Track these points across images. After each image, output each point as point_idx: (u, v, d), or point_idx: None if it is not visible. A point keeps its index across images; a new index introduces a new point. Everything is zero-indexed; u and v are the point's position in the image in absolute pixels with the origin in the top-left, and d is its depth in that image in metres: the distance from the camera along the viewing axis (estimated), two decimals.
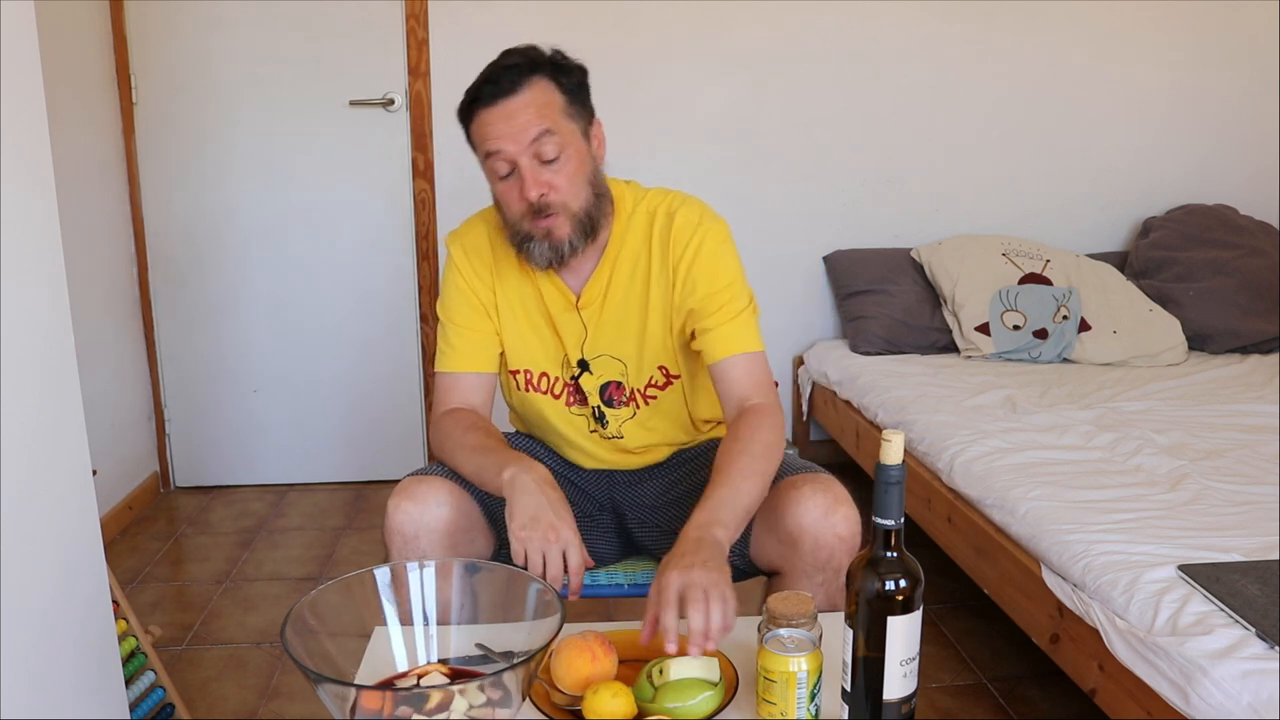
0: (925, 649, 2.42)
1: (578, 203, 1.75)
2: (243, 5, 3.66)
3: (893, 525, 1.24)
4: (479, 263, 1.92)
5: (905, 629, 1.24)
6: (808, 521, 1.69)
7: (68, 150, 3.27)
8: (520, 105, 1.71)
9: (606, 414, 1.95)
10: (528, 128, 1.70)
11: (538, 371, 1.94)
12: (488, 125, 1.73)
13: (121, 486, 3.66)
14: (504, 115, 1.71)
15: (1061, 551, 2.12)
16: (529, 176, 1.71)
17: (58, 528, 1.69)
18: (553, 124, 1.71)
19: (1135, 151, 4.11)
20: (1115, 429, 2.79)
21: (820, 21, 3.85)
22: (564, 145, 1.72)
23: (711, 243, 1.84)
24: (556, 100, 1.74)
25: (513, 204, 1.76)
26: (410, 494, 1.77)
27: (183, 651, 2.80)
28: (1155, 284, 3.80)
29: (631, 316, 1.88)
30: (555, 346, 1.92)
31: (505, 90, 1.72)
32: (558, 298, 1.88)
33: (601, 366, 1.92)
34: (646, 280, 1.86)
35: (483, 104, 1.73)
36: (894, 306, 3.76)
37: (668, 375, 1.93)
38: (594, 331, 1.89)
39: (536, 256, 1.77)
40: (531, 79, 1.73)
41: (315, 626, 1.30)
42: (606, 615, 2.87)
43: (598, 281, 1.87)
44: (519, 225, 1.77)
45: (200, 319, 3.88)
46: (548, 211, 1.73)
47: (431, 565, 1.43)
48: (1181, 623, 1.78)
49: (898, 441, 1.22)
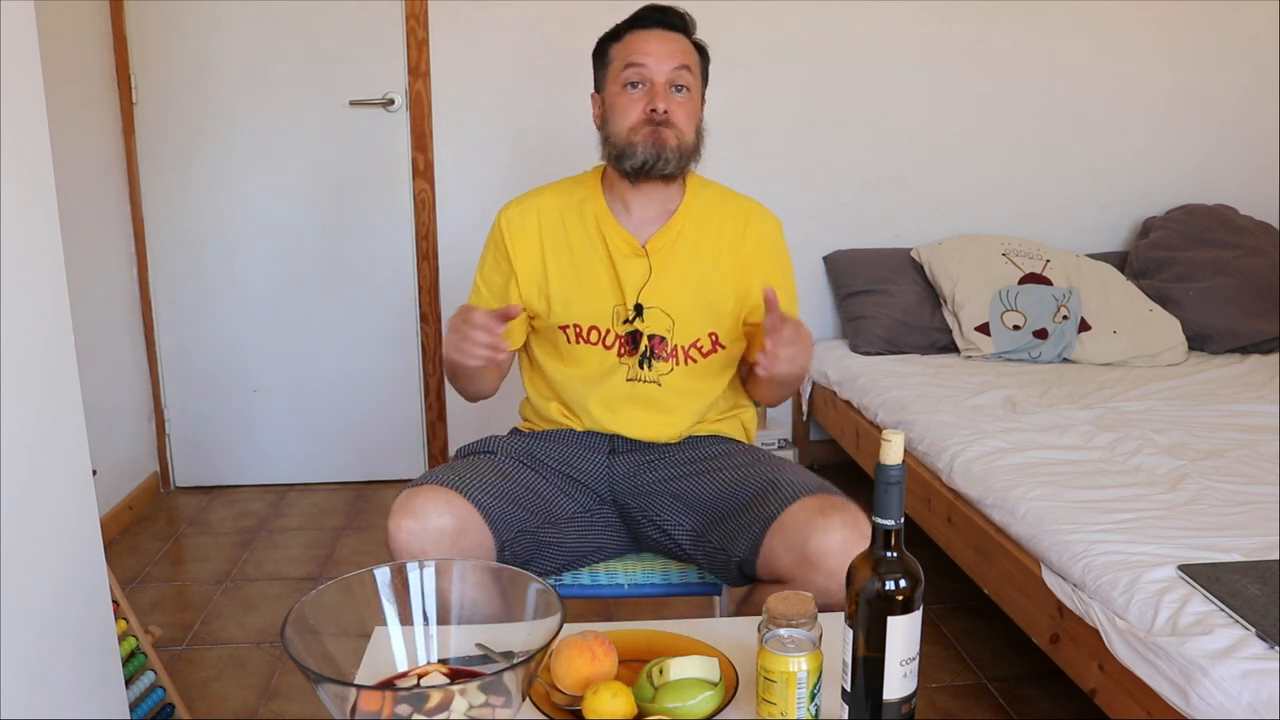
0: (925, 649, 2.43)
1: (687, 134, 1.96)
2: (243, 5, 3.66)
3: (893, 525, 1.24)
4: (525, 229, 2.05)
5: (905, 629, 1.24)
6: (832, 550, 1.71)
7: (68, 150, 3.27)
8: (674, 40, 1.96)
9: (653, 364, 2.03)
10: (676, 55, 1.94)
11: (587, 325, 2.03)
12: (641, 41, 1.95)
13: (121, 486, 3.67)
14: (661, 39, 1.95)
15: (1061, 551, 2.12)
16: (662, 92, 1.92)
17: (58, 528, 1.69)
18: (692, 65, 1.96)
19: (1135, 151, 4.11)
20: (1115, 429, 2.79)
21: (819, 20, 3.86)
22: (693, 86, 1.97)
23: (786, 258, 2.13)
24: (695, 59, 2.00)
25: (630, 113, 1.94)
26: (408, 510, 1.78)
27: (183, 651, 2.80)
28: (1155, 284, 3.80)
29: (691, 275, 2.01)
30: (612, 294, 2.01)
31: (669, 23, 1.98)
32: (622, 245, 2.01)
33: (651, 318, 2.01)
34: (716, 251, 2.03)
35: (643, 25, 1.97)
36: (894, 306, 3.76)
37: (715, 343, 2.04)
38: (656, 276, 2.00)
39: (638, 154, 1.93)
40: (683, 36, 1.99)
41: (315, 626, 1.30)
42: (607, 615, 2.88)
43: (667, 233, 2.02)
44: (627, 135, 1.94)
45: (200, 318, 3.88)
46: (665, 124, 1.92)
47: (431, 565, 1.43)
48: (1181, 623, 1.78)
49: (898, 441, 1.22)
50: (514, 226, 2.05)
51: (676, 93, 1.94)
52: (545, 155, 3.76)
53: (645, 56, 1.92)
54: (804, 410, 3.97)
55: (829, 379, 3.68)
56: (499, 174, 3.82)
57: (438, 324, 3.91)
